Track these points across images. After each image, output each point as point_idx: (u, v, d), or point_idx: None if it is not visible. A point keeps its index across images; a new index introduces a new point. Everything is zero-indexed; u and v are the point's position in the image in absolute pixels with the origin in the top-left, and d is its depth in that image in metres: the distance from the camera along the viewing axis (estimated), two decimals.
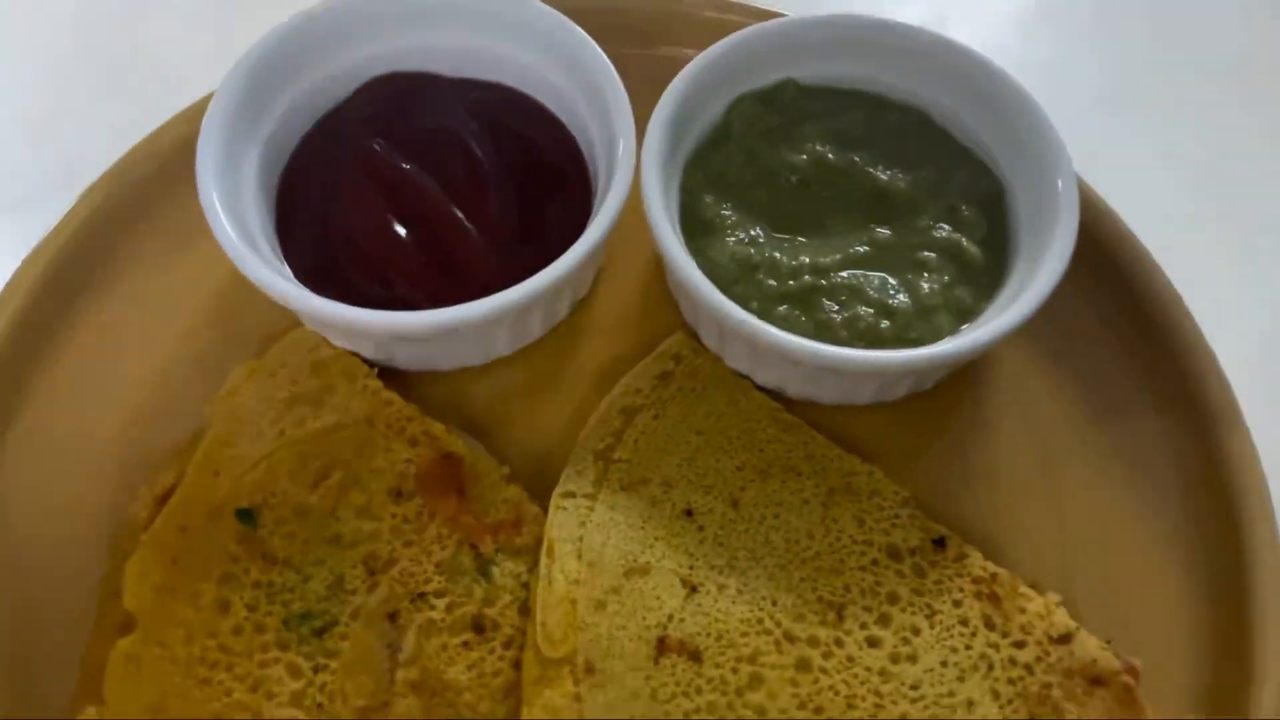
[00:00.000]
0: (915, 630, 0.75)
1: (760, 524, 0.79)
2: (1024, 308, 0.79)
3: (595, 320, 0.92)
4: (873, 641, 0.75)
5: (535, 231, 0.88)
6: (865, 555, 0.78)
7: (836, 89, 0.94)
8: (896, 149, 0.90)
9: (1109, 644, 0.75)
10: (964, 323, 0.83)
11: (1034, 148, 0.87)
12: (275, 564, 0.78)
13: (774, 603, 0.75)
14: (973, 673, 0.74)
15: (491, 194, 0.88)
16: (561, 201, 0.90)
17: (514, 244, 0.87)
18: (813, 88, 0.93)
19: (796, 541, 0.78)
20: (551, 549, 0.76)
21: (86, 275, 0.90)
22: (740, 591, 0.75)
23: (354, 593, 0.77)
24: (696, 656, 0.73)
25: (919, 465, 0.86)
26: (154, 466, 0.82)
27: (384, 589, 0.77)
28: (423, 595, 0.77)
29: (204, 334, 0.90)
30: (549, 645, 0.72)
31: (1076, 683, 0.73)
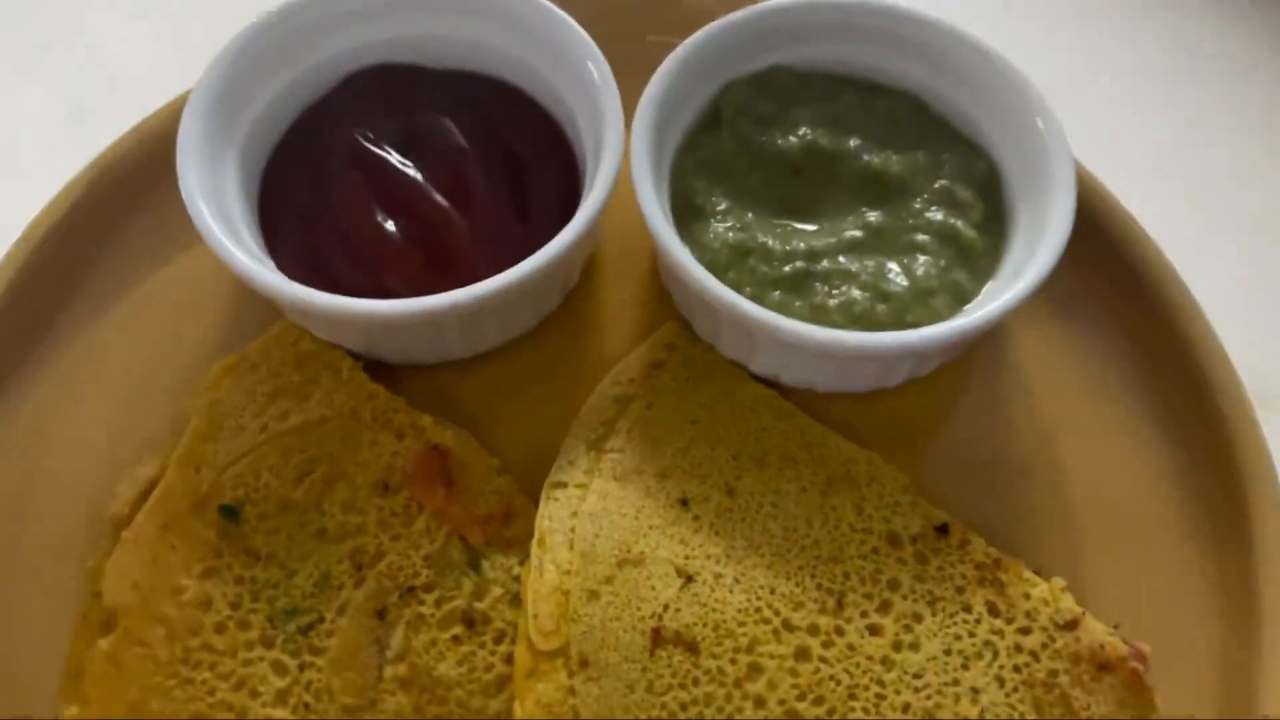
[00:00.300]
0: (917, 617, 0.73)
1: (757, 512, 0.77)
2: (1021, 289, 0.78)
3: (586, 311, 0.90)
4: (874, 629, 0.73)
5: (523, 222, 0.86)
6: (865, 543, 0.76)
7: (827, 73, 0.92)
8: (889, 133, 0.89)
9: (1116, 629, 0.73)
10: (962, 305, 0.81)
11: (1029, 129, 0.85)
12: (259, 560, 0.76)
13: (772, 591, 0.73)
14: (977, 660, 0.72)
15: (478, 184, 0.87)
16: (549, 191, 0.88)
17: (502, 234, 0.85)
18: (804, 72, 0.92)
19: (794, 530, 0.76)
20: (543, 539, 0.74)
21: (68, 268, 0.89)
22: (737, 581, 0.73)
23: (340, 588, 0.75)
24: (693, 647, 0.71)
25: (918, 452, 0.84)
26: (135, 462, 0.80)
27: (371, 584, 0.75)
28: (411, 590, 0.75)
29: (186, 328, 0.88)
30: (541, 638, 0.70)
31: (1084, 669, 0.71)
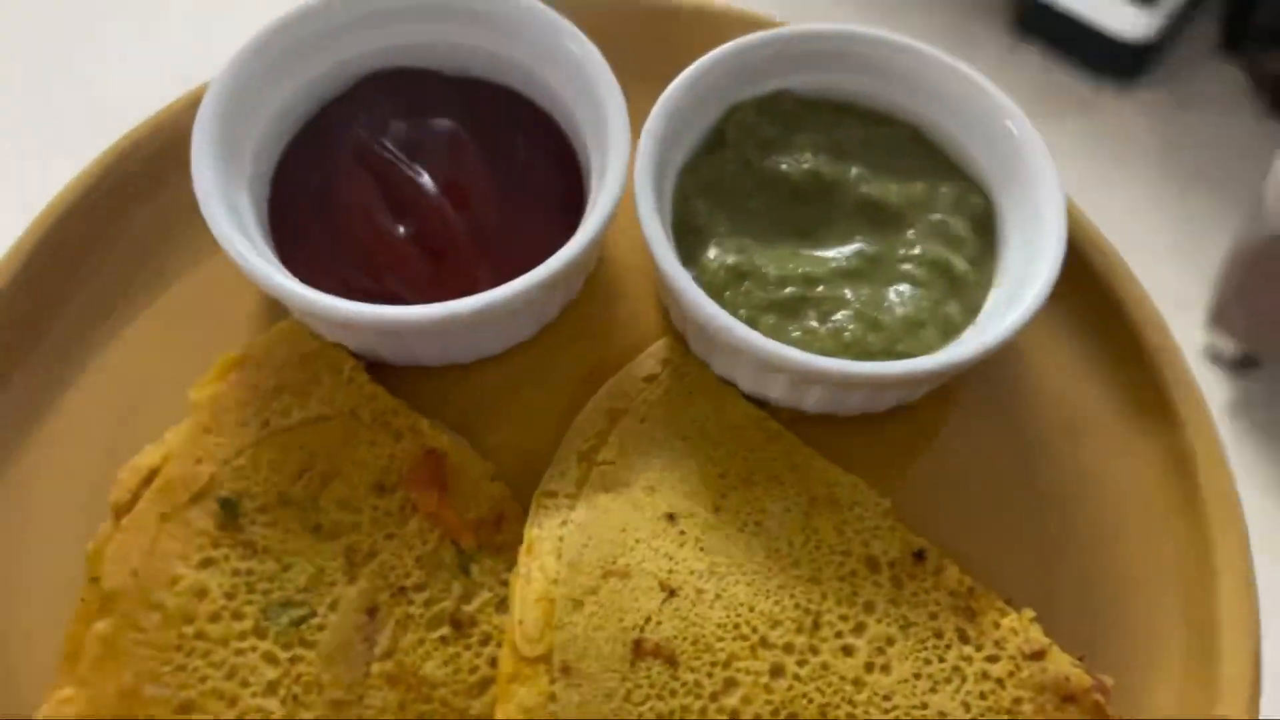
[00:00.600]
0: (890, 640, 0.76)
1: (741, 531, 0.79)
2: (1012, 324, 0.80)
3: (585, 323, 0.92)
4: (848, 650, 0.75)
5: (527, 231, 0.88)
6: (844, 565, 0.78)
7: (831, 101, 0.94)
8: (889, 162, 0.91)
9: (1081, 660, 0.76)
10: (951, 338, 0.84)
11: (1024, 169, 0.87)
12: (255, 553, 0.78)
13: (751, 609, 0.75)
14: (945, 685, 0.74)
15: (485, 192, 0.89)
16: (555, 203, 0.90)
17: (506, 243, 0.87)
18: (808, 98, 0.94)
19: (776, 549, 0.78)
20: (531, 547, 0.76)
21: (75, 260, 0.90)
22: (718, 597, 0.76)
23: (333, 584, 0.77)
24: (672, 660, 0.73)
25: (901, 477, 0.87)
26: (137, 451, 0.82)
27: (363, 582, 0.77)
28: (402, 590, 0.77)
29: (192, 321, 0.90)
30: (526, 643, 0.72)
31: (1048, 698, 0.74)
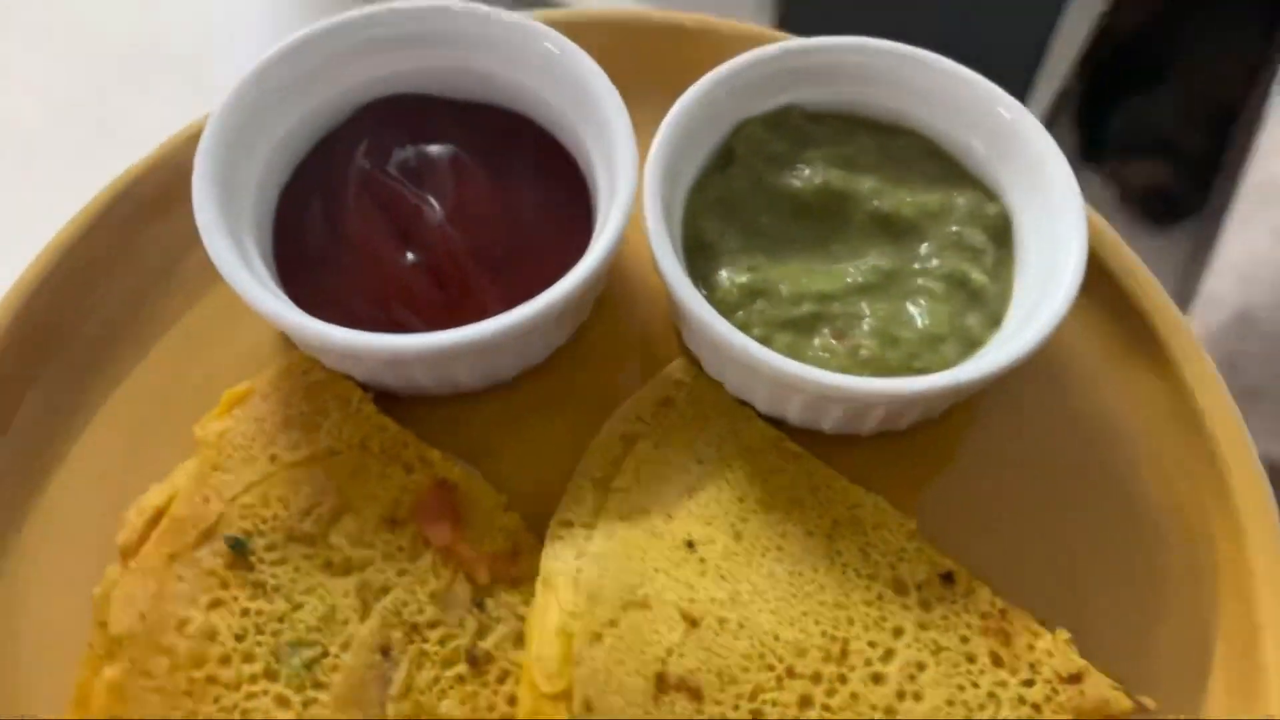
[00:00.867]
0: (921, 666, 0.73)
1: (763, 556, 0.77)
2: (1033, 337, 0.78)
3: (596, 346, 0.91)
4: (877, 678, 0.73)
5: (536, 255, 0.87)
6: (870, 589, 0.76)
7: (840, 114, 0.93)
8: (902, 175, 0.89)
9: (1120, 682, 0.73)
10: (972, 351, 0.82)
11: (1041, 175, 0.86)
12: (265, 592, 0.76)
13: (776, 638, 0.73)
14: (980, 712, 0.72)
15: (490, 217, 0.87)
16: (563, 226, 0.89)
17: (514, 267, 0.86)
18: (816, 113, 0.92)
19: (800, 574, 0.76)
20: (548, 580, 0.74)
21: (78, 295, 0.89)
22: (742, 626, 0.73)
23: (346, 623, 0.75)
24: (697, 693, 0.71)
25: (924, 497, 0.84)
26: (143, 490, 0.81)
27: (376, 619, 0.75)
28: (416, 627, 0.75)
29: (196, 357, 0.89)
30: (545, 680, 0.70)
31: None
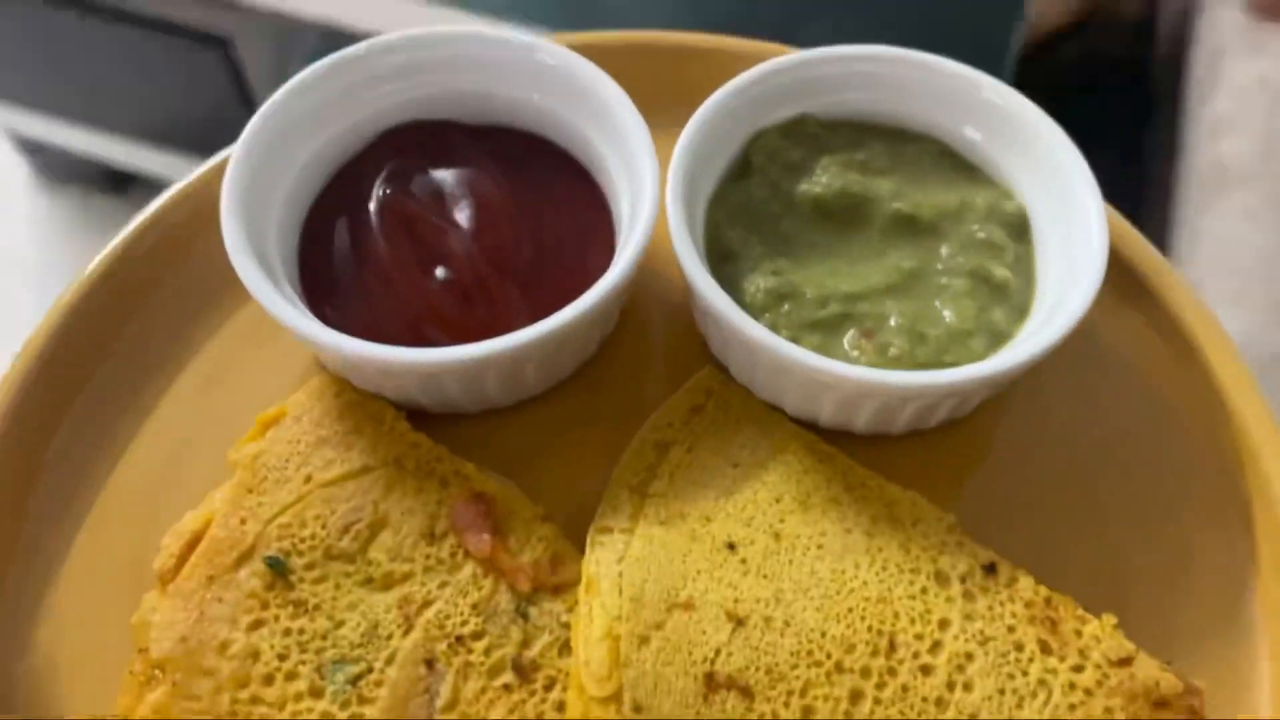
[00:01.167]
0: (969, 657, 0.73)
1: (804, 555, 0.77)
2: (1060, 327, 0.78)
3: (624, 358, 0.91)
4: (926, 670, 0.72)
5: (560, 271, 0.88)
6: (913, 583, 0.76)
7: (854, 122, 0.94)
8: (919, 178, 0.91)
9: (1170, 664, 0.73)
10: (999, 345, 0.82)
11: (1056, 170, 0.87)
12: (306, 611, 0.75)
13: (823, 634, 0.73)
14: (1031, 699, 0.71)
15: (514, 235, 0.88)
16: (585, 241, 0.90)
17: (539, 286, 0.87)
18: (831, 121, 0.94)
19: (842, 571, 0.76)
20: (591, 585, 0.74)
21: (110, 324, 0.90)
22: (788, 624, 0.73)
23: (389, 638, 0.74)
24: (747, 691, 0.70)
25: (958, 493, 0.84)
26: (178, 516, 0.80)
27: (419, 633, 0.74)
28: (460, 639, 0.74)
29: (227, 382, 0.89)
30: (594, 683, 0.70)
31: (1139, 705, 0.71)
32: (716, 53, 1.03)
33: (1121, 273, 0.90)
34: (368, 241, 0.88)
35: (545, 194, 0.92)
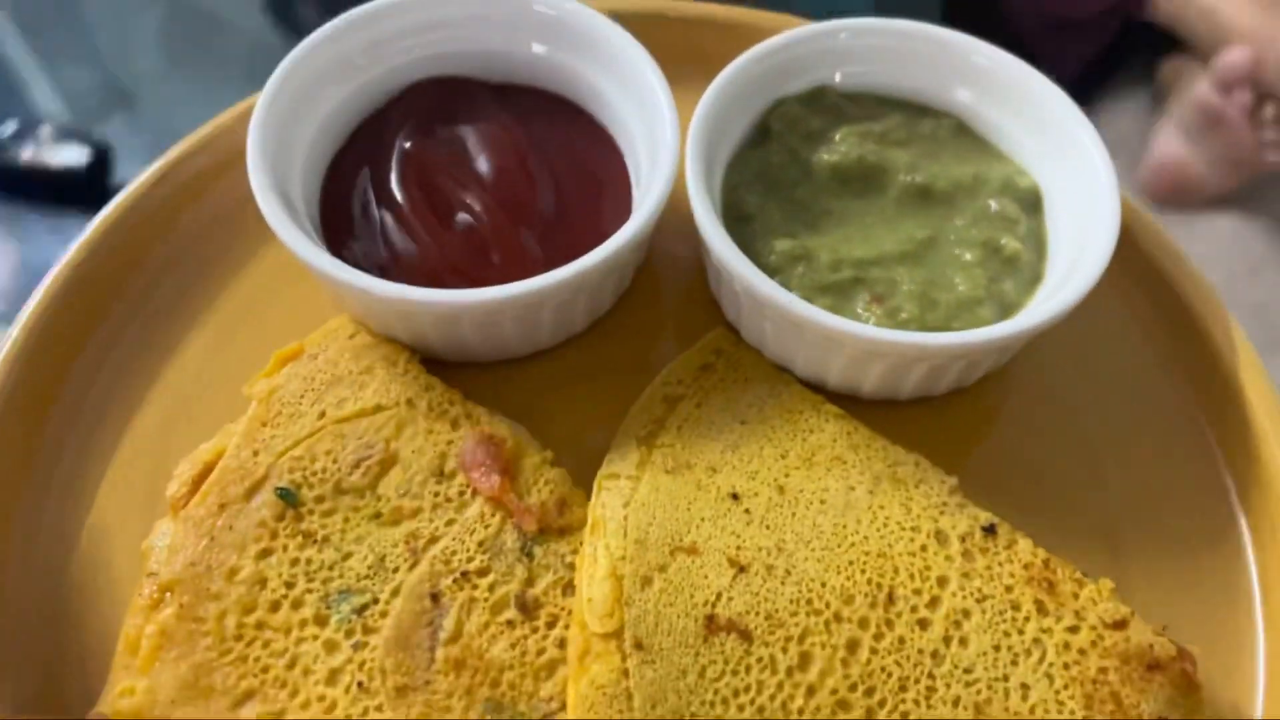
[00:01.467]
0: (966, 614, 0.74)
1: (807, 509, 0.78)
2: (1068, 297, 0.79)
3: (636, 316, 0.92)
4: (923, 624, 0.73)
5: (578, 223, 0.89)
6: (914, 540, 0.77)
7: (873, 94, 0.95)
8: (935, 151, 0.92)
9: (1164, 630, 0.74)
10: (1008, 315, 0.83)
11: (1071, 146, 0.88)
12: (314, 542, 0.76)
13: (823, 584, 0.74)
14: (1026, 657, 0.72)
15: (533, 189, 0.89)
16: (604, 196, 0.91)
17: (558, 240, 0.88)
18: (850, 92, 0.95)
19: (844, 526, 0.77)
20: (597, 526, 0.75)
21: (132, 261, 0.91)
22: (788, 573, 0.74)
23: (395, 570, 0.75)
24: (746, 635, 0.71)
25: (962, 460, 0.85)
26: (191, 449, 0.82)
27: (425, 567, 0.75)
28: (465, 574, 0.75)
29: (245, 319, 0.90)
30: (596, 620, 0.71)
31: (1133, 667, 0.72)
32: (738, 25, 1.04)
33: (1131, 249, 0.91)
34: (389, 191, 0.89)
35: (564, 149, 0.93)
